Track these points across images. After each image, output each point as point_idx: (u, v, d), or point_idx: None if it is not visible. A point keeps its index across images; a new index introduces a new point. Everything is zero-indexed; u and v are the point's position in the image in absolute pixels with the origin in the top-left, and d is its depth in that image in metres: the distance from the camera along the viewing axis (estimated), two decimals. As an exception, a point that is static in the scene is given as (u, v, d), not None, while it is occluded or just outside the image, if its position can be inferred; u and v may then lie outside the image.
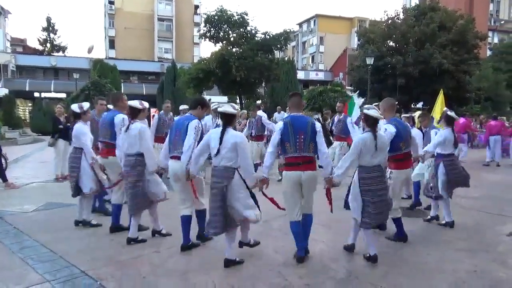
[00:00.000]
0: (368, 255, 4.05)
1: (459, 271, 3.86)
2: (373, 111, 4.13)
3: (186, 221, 4.34)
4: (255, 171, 5.08)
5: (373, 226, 4.12)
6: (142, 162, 4.52)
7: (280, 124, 4.01)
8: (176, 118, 6.17)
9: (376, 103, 9.22)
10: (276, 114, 15.80)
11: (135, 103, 4.66)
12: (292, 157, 3.92)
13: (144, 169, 4.54)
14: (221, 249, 4.27)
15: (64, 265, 3.87)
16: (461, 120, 12.86)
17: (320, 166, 4.04)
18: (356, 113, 8.28)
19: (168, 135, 4.55)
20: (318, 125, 3.99)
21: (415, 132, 6.01)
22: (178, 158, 4.23)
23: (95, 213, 5.61)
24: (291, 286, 3.48)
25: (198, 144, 4.13)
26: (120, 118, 4.86)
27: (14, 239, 4.70)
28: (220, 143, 3.84)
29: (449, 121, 5.50)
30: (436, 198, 5.43)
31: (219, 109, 4.12)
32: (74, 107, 5.36)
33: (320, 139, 3.96)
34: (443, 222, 5.39)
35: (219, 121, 9.03)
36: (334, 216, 5.11)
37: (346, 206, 4.32)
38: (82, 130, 5.12)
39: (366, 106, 4.43)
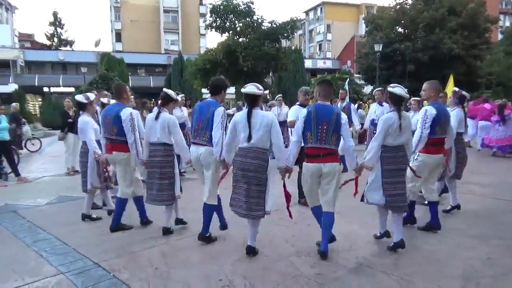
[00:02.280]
0: (379, 233, 4.15)
1: (472, 258, 3.82)
2: (398, 89, 3.97)
3: (205, 209, 4.23)
4: None
5: (394, 207, 4.01)
6: (172, 152, 4.51)
7: (304, 112, 3.84)
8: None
9: (379, 88, 9.08)
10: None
11: (170, 92, 4.62)
12: (313, 147, 3.75)
13: (174, 159, 4.54)
14: (232, 240, 4.29)
15: (77, 257, 3.92)
16: (486, 105, 12.42)
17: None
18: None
19: (192, 120, 4.39)
20: (344, 116, 3.81)
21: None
22: (201, 144, 4.13)
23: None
24: (302, 275, 3.48)
25: (225, 131, 4.04)
26: (128, 113, 4.48)
27: (28, 232, 4.77)
28: (249, 125, 3.74)
29: (461, 100, 5.46)
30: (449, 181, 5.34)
31: (243, 90, 3.94)
32: (79, 97, 5.22)
33: (346, 131, 3.79)
34: (449, 207, 5.34)
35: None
36: (347, 204, 5.11)
37: (363, 199, 4.19)
38: (85, 124, 4.99)
39: (391, 84, 4.21)
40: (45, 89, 35.21)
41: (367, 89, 30.02)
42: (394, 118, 3.88)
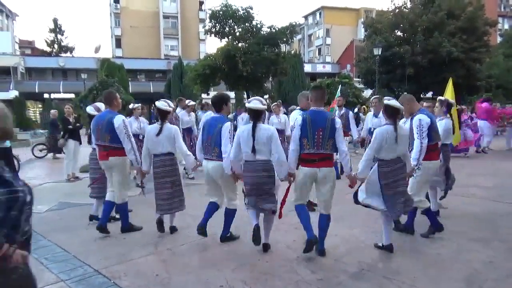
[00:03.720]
0: (381, 244, 4.07)
1: (474, 262, 3.81)
2: (394, 101, 4.00)
3: (226, 213, 4.43)
4: None
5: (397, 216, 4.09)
6: (176, 160, 4.65)
7: (299, 119, 3.89)
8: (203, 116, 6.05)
9: (376, 96, 9.06)
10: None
11: (162, 105, 4.63)
12: (309, 153, 3.83)
13: (178, 168, 4.70)
14: (233, 246, 4.27)
15: (77, 264, 3.91)
16: (484, 104, 12.46)
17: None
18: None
19: (200, 135, 4.50)
20: (338, 121, 3.87)
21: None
22: (211, 159, 4.29)
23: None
24: (304, 281, 3.46)
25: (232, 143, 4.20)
26: (120, 121, 4.55)
27: (28, 239, 4.75)
28: (254, 139, 3.86)
29: (448, 108, 5.33)
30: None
31: (248, 105, 4.09)
32: (90, 109, 5.38)
33: (340, 136, 3.85)
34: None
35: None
36: (347, 209, 5.10)
37: (355, 200, 4.23)
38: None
39: (386, 97, 4.29)
40: (46, 95, 35.28)
41: (367, 92, 30.08)
42: (390, 131, 3.89)
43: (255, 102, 4.00)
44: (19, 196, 1.70)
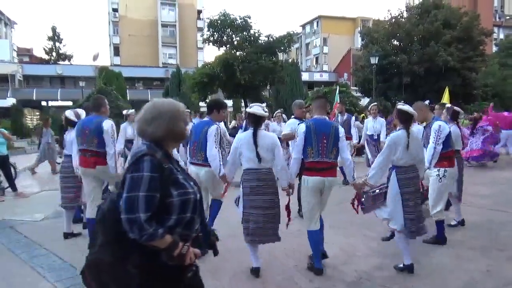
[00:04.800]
0: (402, 265, 3.80)
1: (472, 270, 3.81)
2: (407, 107, 3.91)
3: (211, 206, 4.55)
4: None
5: (411, 233, 3.76)
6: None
7: (302, 127, 3.82)
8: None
9: (375, 103, 9.16)
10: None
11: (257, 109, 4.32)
12: (314, 161, 3.73)
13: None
14: (230, 255, 4.25)
15: (74, 273, 3.87)
16: (506, 113, 12.26)
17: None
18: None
19: (189, 140, 4.50)
20: (341, 130, 3.83)
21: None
22: (199, 165, 4.33)
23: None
24: (302, 289, 3.45)
25: (219, 146, 4.18)
26: (109, 125, 4.45)
27: (24, 248, 4.72)
28: (256, 147, 3.72)
29: (454, 116, 5.44)
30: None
31: (248, 110, 3.99)
32: (70, 113, 5.15)
33: (343, 145, 3.81)
34: (454, 222, 5.31)
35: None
36: (344, 218, 5.10)
37: (364, 210, 4.05)
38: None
39: (400, 103, 4.22)
40: (43, 103, 35.22)
41: (364, 101, 30.20)
42: (402, 137, 3.76)
43: (256, 108, 3.91)
44: (191, 198, 1.77)
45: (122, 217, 1.64)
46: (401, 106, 3.97)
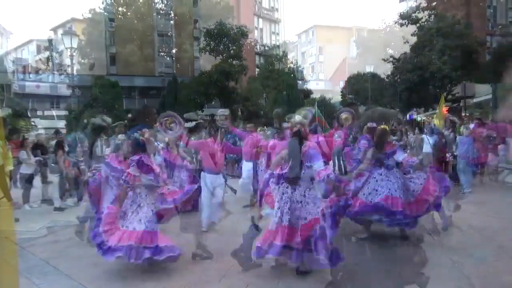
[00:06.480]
0: None
1: (469, 277, 3.80)
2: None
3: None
4: None
5: None
6: None
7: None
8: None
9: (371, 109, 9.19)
10: None
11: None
12: None
13: None
14: (222, 263, 4.21)
15: (70, 283, 3.85)
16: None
17: None
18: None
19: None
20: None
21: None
22: None
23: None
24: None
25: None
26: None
27: (19, 258, 4.67)
28: (302, 155, 3.77)
29: (452, 124, 5.49)
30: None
31: (292, 120, 4.06)
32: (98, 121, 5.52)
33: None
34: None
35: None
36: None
37: None
38: None
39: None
40: (39, 113, 35.11)
41: (361, 109, 30.35)
42: None
43: (298, 117, 4.01)
44: None
45: None
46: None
